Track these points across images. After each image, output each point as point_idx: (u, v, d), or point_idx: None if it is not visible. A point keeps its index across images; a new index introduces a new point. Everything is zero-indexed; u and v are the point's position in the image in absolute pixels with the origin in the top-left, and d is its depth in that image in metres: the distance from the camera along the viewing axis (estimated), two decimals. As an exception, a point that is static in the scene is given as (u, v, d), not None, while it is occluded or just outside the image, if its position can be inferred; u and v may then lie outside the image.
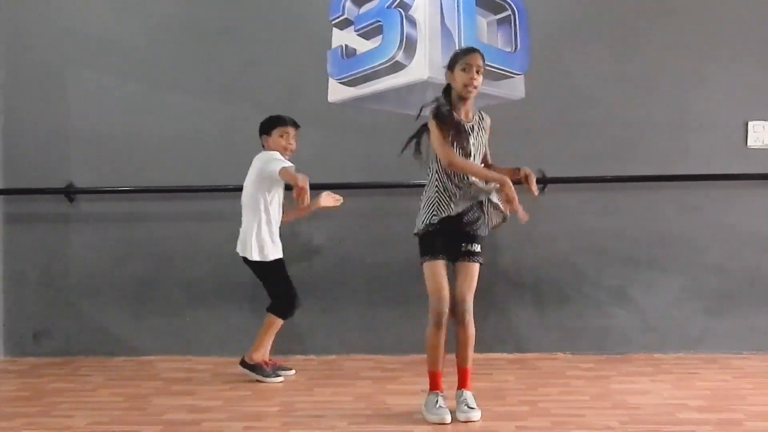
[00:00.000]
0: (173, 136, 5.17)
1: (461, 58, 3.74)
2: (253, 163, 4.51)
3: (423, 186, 3.90)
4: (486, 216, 3.81)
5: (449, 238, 3.76)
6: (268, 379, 4.46)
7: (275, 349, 4.65)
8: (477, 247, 3.76)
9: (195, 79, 5.20)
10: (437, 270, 3.73)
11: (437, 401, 3.70)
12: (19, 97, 5.28)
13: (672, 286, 5.07)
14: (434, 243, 3.76)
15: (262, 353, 4.51)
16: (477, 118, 3.85)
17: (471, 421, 3.62)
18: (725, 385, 4.25)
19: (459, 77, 3.72)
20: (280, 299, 4.50)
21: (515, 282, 5.06)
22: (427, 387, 3.77)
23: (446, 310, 3.71)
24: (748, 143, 5.01)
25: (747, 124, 5.00)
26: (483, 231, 3.81)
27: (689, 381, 4.35)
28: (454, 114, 3.75)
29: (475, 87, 3.74)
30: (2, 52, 5.28)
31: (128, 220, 5.26)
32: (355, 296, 5.17)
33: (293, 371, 4.64)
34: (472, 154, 3.78)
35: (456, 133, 3.73)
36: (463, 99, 3.77)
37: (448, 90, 3.82)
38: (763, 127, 5.00)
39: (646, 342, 5.05)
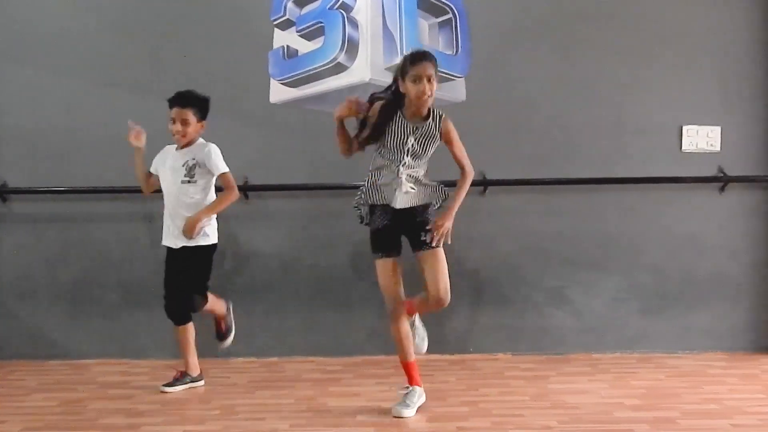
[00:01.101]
0: (110, 135, 5.05)
1: (410, 68, 3.66)
2: None
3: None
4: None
5: (405, 231, 3.86)
6: (195, 384, 4.42)
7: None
8: None
9: (134, 78, 5.12)
10: (384, 269, 3.82)
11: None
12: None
13: (610, 287, 5.16)
14: (382, 239, 3.85)
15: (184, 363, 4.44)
16: (429, 120, 3.79)
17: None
18: (660, 384, 4.34)
19: (410, 89, 3.67)
20: None
21: (455, 283, 5.03)
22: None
23: (398, 306, 3.82)
24: (683, 147, 5.12)
25: (681, 129, 5.12)
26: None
27: (626, 380, 4.43)
28: (399, 112, 3.78)
29: (430, 96, 3.68)
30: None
31: (63, 220, 5.16)
32: (297, 298, 5.15)
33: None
34: (409, 154, 3.79)
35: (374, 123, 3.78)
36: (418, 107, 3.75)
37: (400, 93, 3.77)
38: (697, 131, 5.12)
39: (585, 342, 5.13)
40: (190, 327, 4.38)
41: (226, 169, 4.32)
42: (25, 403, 4.11)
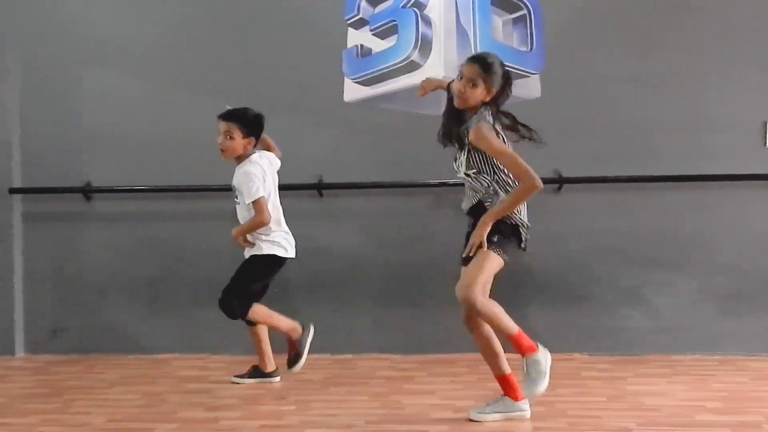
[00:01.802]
0: (186, 136, 5.16)
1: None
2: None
3: (440, 186, 3.87)
4: None
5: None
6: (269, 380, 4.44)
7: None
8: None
9: (208, 79, 5.20)
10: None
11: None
12: (35, 99, 5.32)
13: (686, 287, 5.02)
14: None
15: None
16: (465, 127, 3.50)
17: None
18: (742, 387, 4.19)
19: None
20: None
21: (529, 282, 5.02)
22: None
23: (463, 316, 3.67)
24: (767, 143, 4.97)
25: (766, 125, 4.96)
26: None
27: (706, 383, 4.30)
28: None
29: (461, 98, 3.45)
30: (18, 55, 5.31)
31: (142, 218, 5.28)
32: (369, 296, 5.16)
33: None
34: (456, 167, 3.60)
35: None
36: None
37: None
38: (782, 127, 4.98)
39: (662, 343, 5.01)
40: (257, 328, 4.40)
41: (256, 196, 4.15)
42: (107, 395, 4.19)
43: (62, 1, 5.32)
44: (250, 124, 4.24)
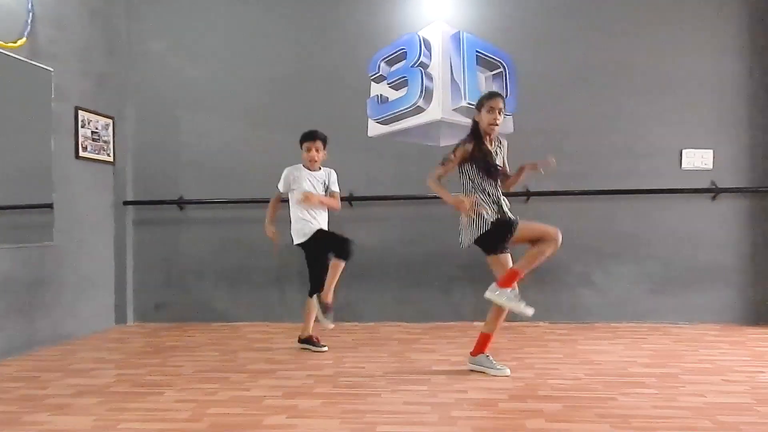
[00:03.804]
0: (255, 163, 5.25)
1: (486, 102, 3.53)
2: None
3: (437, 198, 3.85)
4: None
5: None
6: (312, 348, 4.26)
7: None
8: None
9: (268, 121, 5.28)
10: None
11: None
12: (144, 136, 5.41)
13: (626, 272, 5.03)
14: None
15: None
16: (497, 143, 3.63)
17: None
18: (666, 348, 4.20)
19: (485, 117, 3.52)
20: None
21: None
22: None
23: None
24: (683, 166, 4.96)
25: (681, 152, 4.96)
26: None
27: (638, 344, 4.31)
28: (484, 144, 3.55)
29: (497, 125, 3.53)
30: (133, 103, 5.41)
31: (223, 223, 5.35)
32: (390, 279, 5.20)
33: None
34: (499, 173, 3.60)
35: (484, 156, 3.52)
36: (486, 132, 3.57)
37: (477, 124, 3.58)
38: (693, 154, 4.95)
39: (606, 314, 5.02)
40: (308, 301, 4.29)
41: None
42: (196, 353, 4.26)
43: (167, 60, 5.41)
44: (326, 142, 4.30)
